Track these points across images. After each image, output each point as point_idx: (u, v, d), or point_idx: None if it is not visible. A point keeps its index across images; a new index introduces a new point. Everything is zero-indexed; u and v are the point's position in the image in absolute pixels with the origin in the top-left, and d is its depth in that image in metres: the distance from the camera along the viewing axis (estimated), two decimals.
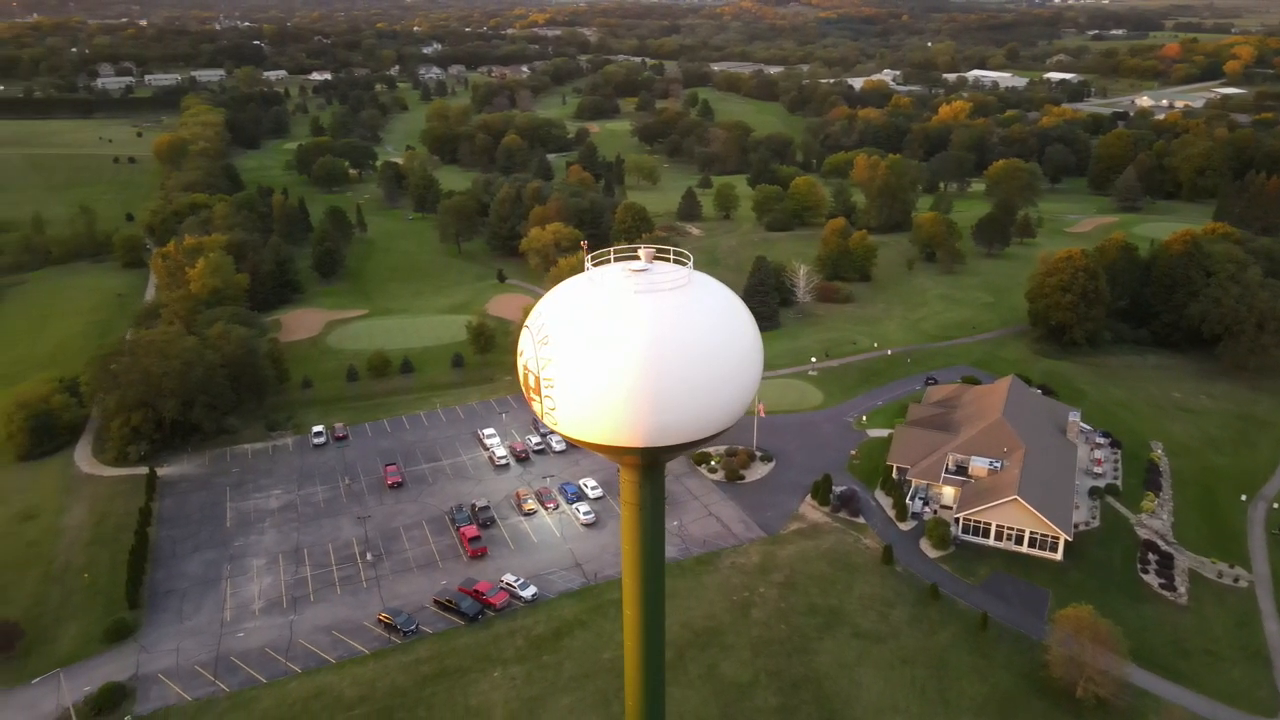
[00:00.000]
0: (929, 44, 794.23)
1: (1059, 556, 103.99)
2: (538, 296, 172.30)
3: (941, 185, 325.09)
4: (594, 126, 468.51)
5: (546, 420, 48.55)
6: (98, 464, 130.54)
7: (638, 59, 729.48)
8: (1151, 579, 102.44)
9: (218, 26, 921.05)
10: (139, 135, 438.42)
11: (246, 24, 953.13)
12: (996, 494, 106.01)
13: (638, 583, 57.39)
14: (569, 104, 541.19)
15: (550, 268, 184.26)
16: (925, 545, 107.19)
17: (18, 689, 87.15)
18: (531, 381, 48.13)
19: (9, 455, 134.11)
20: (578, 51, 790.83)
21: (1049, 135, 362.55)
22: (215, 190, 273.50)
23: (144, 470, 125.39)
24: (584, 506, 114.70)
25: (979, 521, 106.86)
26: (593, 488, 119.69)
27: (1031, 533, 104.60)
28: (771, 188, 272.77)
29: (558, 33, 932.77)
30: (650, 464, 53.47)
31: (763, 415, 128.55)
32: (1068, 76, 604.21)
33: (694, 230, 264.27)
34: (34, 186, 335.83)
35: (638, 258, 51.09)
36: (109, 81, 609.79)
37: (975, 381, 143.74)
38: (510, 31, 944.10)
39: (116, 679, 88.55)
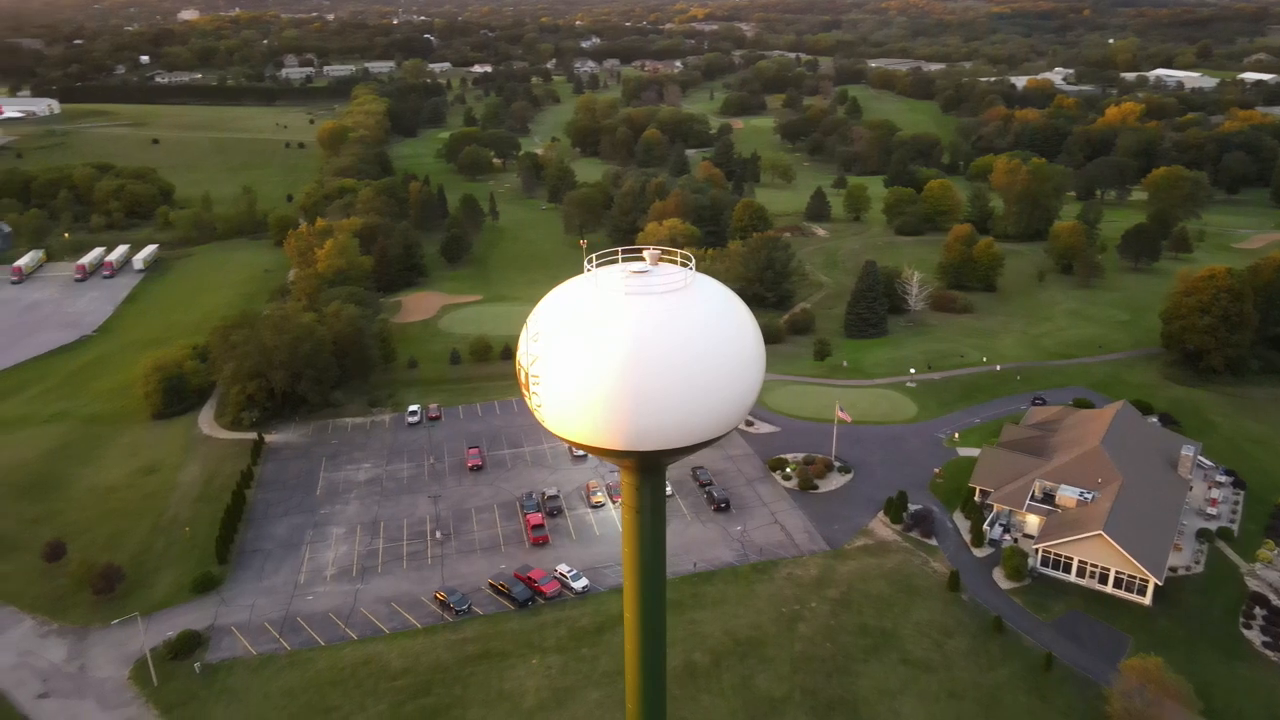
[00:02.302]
0: (1110, 40, 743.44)
1: (1147, 600, 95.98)
2: None
3: (1098, 192, 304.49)
4: (738, 122, 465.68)
5: (537, 416, 49.01)
6: (216, 427, 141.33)
7: (792, 55, 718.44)
8: (1254, 636, 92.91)
9: (394, 21, 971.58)
10: (310, 122, 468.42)
11: (421, 18, 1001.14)
12: (1082, 527, 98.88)
13: (636, 586, 57.08)
14: (716, 99, 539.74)
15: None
16: (998, 575, 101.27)
17: (101, 629, 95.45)
18: (523, 377, 48.75)
19: (145, 413, 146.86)
20: (733, 47, 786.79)
21: (1230, 141, 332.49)
22: (365, 175, 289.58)
23: (253, 436, 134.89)
24: None
25: (1060, 555, 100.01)
26: None
27: (1118, 572, 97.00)
28: (905, 190, 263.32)
29: (714, 28, 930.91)
30: (647, 468, 52.89)
31: (847, 421, 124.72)
32: (1266, 78, 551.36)
33: (819, 231, 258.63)
34: (214, 167, 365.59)
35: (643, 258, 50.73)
36: (292, 72, 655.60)
37: (1088, 405, 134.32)
38: (668, 26, 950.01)
39: (195, 627, 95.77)
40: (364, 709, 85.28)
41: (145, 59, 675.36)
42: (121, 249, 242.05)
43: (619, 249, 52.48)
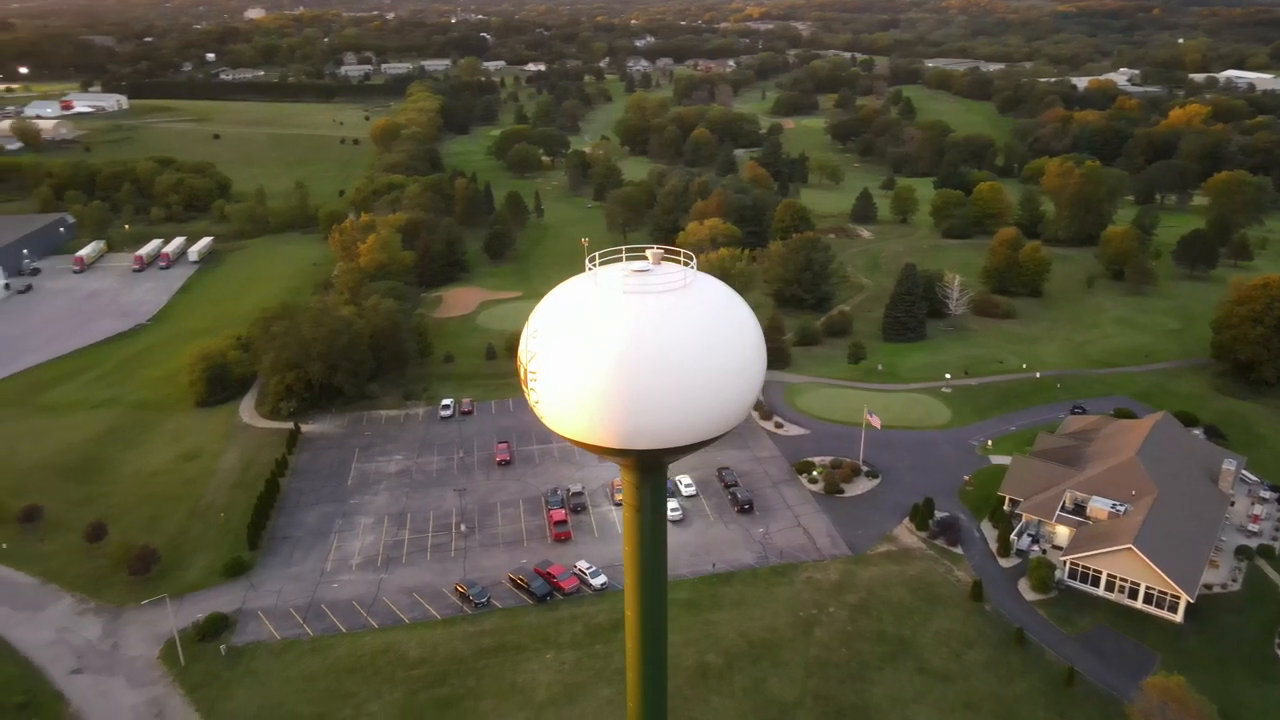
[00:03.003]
0: (1180, 40, 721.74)
1: (1178, 618, 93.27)
2: None
3: (1158, 197, 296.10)
4: (789, 122, 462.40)
5: (536, 412, 49.37)
6: (256, 416, 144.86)
7: (847, 54, 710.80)
8: None
9: (452, 20, 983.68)
10: (366, 119, 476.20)
11: (478, 17, 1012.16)
12: (1111, 540, 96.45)
13: (636, 584, 57.32)
14: (768, 99, 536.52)
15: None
16: (1024, 586, 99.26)
17: (134, 609, 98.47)
18: (523, 373, 49.20)
19: (189, 401, 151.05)
20: (788, 46, 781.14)
21: None
22: (414, 172, 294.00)
23: (290, 425, 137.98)
24: (673, 503, 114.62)
25: (1089, 568, 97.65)
26: (686, 485, 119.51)
27: (1148, 587, 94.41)
28: (954, 192, 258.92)
29: (770, 27, 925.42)
30: (646, 466, 53.00)
31: (877, 427, 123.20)
32: None
33: (864, 233, 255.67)
34: (271, 162, 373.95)
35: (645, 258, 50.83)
36: (351, 69, 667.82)
37: (1129, 415, 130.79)
38: (723, 25, 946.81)
39: (223, 610, 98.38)
40: (380, 696, 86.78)
41: (211, 56, 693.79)
42: (178, 241, 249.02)
43: (623, 248, 52.56)
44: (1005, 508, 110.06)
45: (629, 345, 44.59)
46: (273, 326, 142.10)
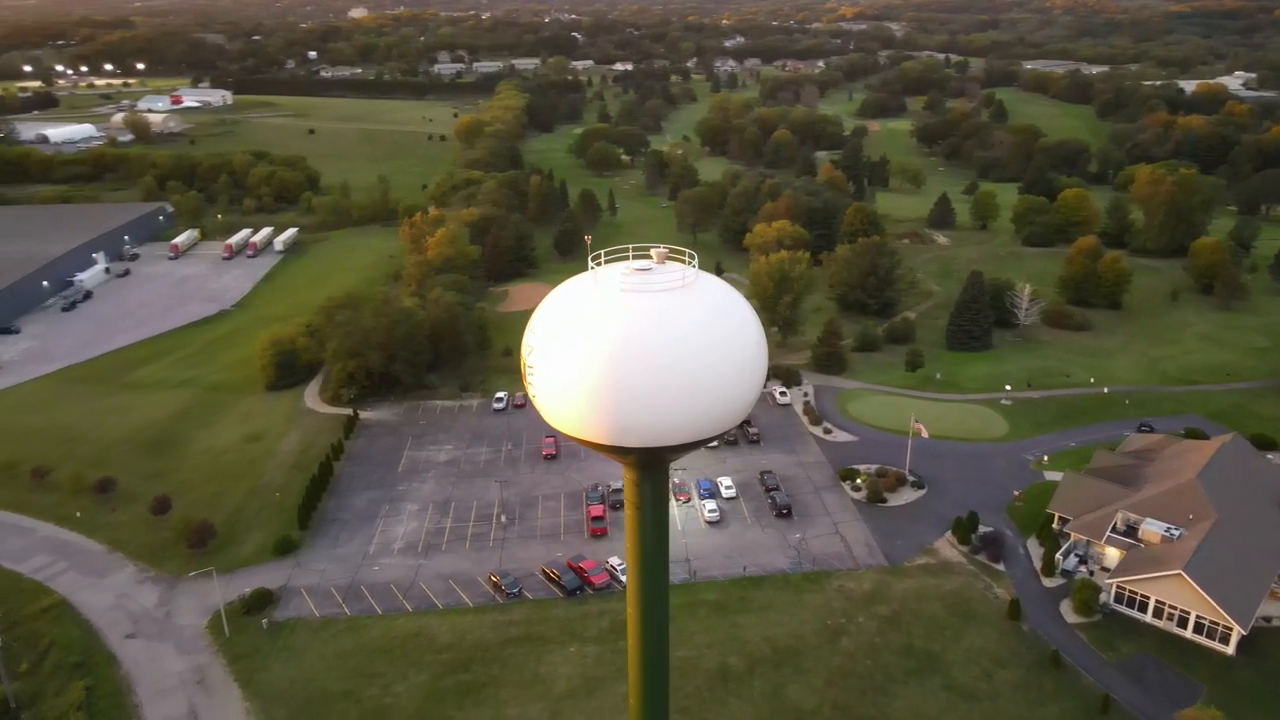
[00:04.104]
0: None
1: (1230, 650, 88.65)
2: (745, 290, 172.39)
3: (1262, 208, 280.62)
4: (874, 125, 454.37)
5: (535, 404, 50.29)
6: (319, 401, 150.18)
7: (941, 55, 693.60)
8: None
9: (546, 19, 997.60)
10: (455, 116, 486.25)
11: (571, 16, 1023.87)
12: (1162, 564, 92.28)
13: (637, 582, 57.73)
14: (855, 100, 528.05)
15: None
16: (1066, 608, 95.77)
17: (189, 580, 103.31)
18: (524, 367, 50.19)
19: (260, 384, 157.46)
20: (880, 47, 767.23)
21: None
22: (494, 168, 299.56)
23: (349, 411, 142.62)
24: (711, 504, 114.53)
25: (1136, 592, 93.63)
26: (727, 487, 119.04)
27: (1198, 616, 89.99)
28: (1037, 199, 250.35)
29: (863, 27, 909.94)
30: (646, 464, 53.45)
31: (925, 436, 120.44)
32: None
33: (940, 239, 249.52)
34: (361, 157, 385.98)
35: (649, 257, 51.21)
36: (444, 68, 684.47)
37: (1200, 436, 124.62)
38: (815, 26, 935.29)
39: (269, 586, 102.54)
40: (406, 678, 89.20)
41: (313, 54, 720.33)
42: (265, 231, 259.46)
43: (629, 246, 52.92)
44: (1054, 526, 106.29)
45: (622, 343, 44.91)
46: (337, 315, 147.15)
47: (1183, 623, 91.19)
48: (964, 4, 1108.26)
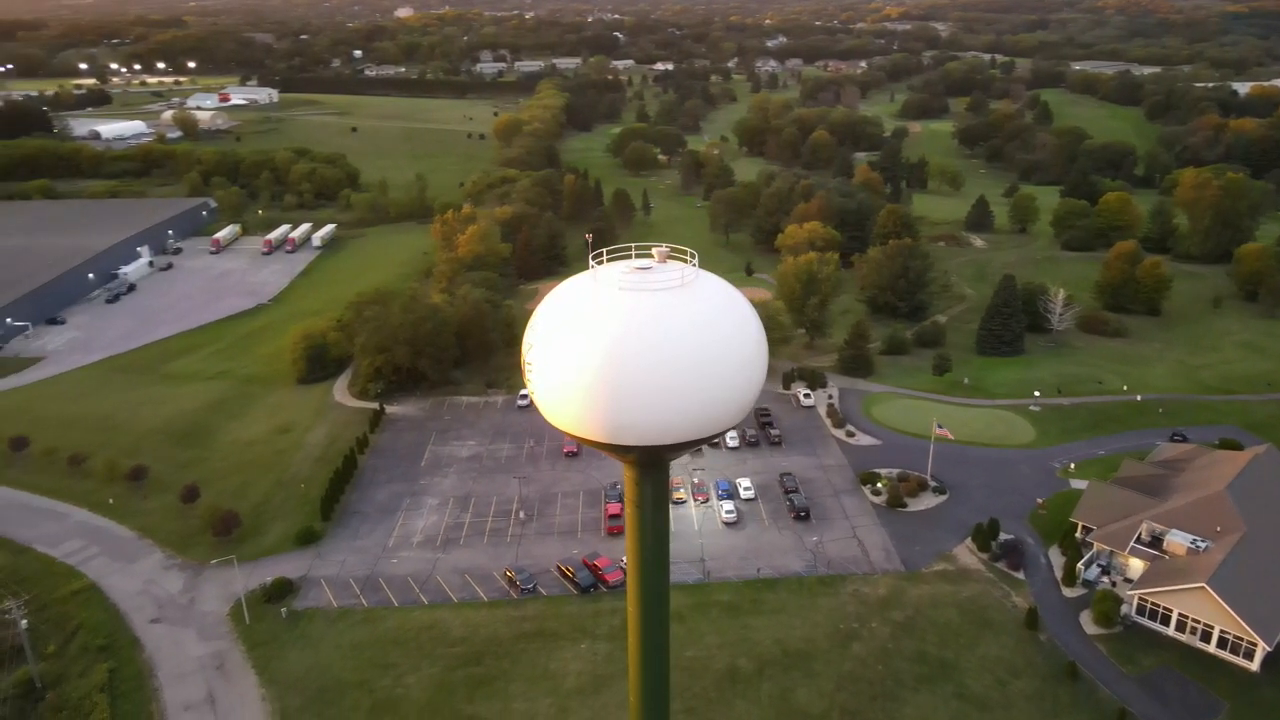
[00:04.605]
0: None
1: (1254, 666, 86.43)
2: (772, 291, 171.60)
3: None
4: (915, 126, 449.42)
5: (535, 401, 50.76)
6: (347, 395, 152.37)
7: (987, 56, 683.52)
8: None
9: (589, 19, 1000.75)
10: (495, 115, 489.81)
11: (614, 16, 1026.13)
12: (1186, 577, 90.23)
13: (637, 581, 57.80)
14: (896, 101, 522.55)
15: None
16: (1086, 618, 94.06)
17: (214, 567, 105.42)
18: (524, 364, 50.67)
19: (291, 378, 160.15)
20: (924, 47, 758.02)
21: None
22: (530, 167, 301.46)
23: (376, 406, 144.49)
24: (729, 505, 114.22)
25: (1159, 605, 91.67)
26: (745, 488, 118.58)
27: (1222, 631, 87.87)
28: (1078, 202, 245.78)
29: (907, 27, 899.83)
30: (645, 463, 53.43)
31: (948, 438, 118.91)
32: None
33: (977, 242, 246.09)
34: (401, 154, 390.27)
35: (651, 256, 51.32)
36: (486, 67, 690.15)
37: (1235, 447, 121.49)
38: (859, 26, 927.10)
39: (289, 576, 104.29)
40: (418, 670, 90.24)
41: (358, 53, 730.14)
42: (304, 227, 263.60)
43: (633, 245, 53.04)
44: (1077, 535, 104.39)
45: (618, 340, 45.02)
46: (365, 311, 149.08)
47: (1206, 637, 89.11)
48: (1012, 4, 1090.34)
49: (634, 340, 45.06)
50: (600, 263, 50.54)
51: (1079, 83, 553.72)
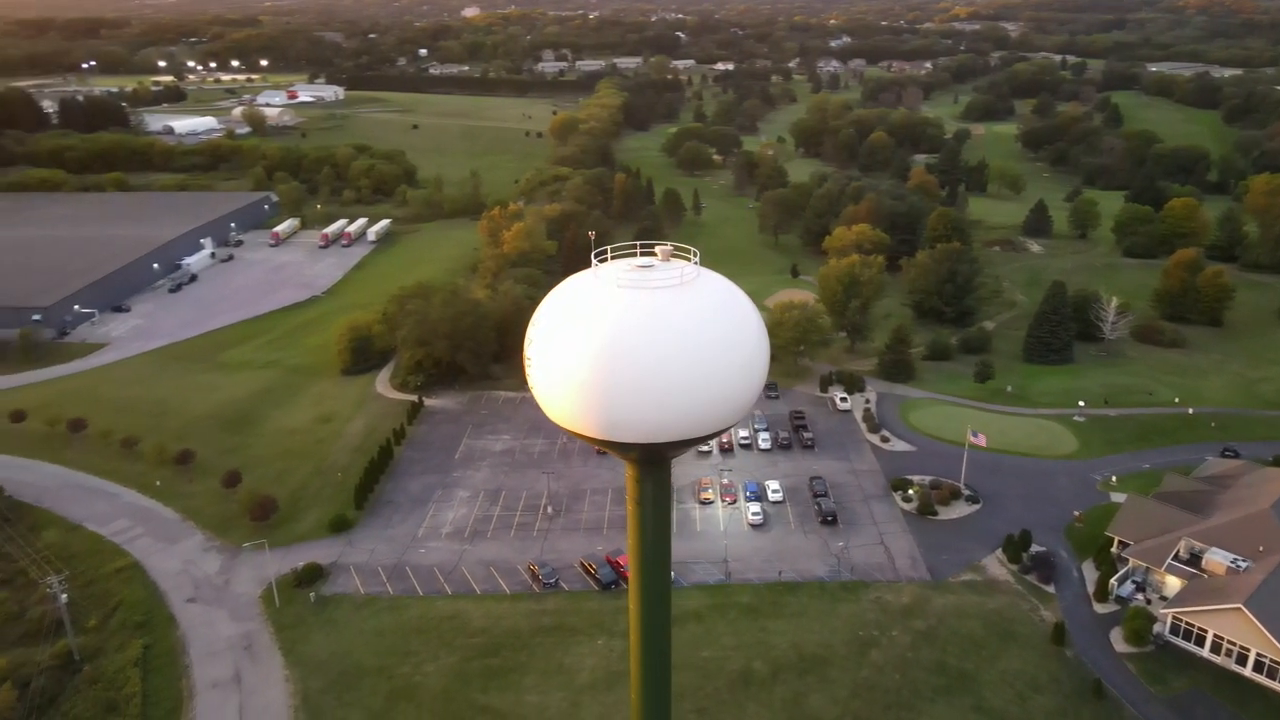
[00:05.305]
0: None
1: None
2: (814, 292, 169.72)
3: None
4: (978, 128, 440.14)
5: (535, 397, 51.23)
6: (389, 387, 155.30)
7: (1058, 57, 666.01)
8: None
9: (652, 18, 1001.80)
10: (554, 113, 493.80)
11: (677, 15, 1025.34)
12: (1223, 597, 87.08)
13: (638, 578, 58.12)
14: (960, 103, 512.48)
15: None
16: (1116, 636, 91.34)
17: (250, 551, 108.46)
18: (525, 360, 51.27)
19: (336, 369, 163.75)
20: (993, 48, 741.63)
21: None
22: (583, 165, 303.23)
23: (415, 398, 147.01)
24: (756, 507, 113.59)
25: (1193, 625, 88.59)
26: (774, 490, 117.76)
27: (1259, 654, 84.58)
28: (1142, 208, 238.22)
29: (976, 27, 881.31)
30: (646, 460, 53.69)
31: (981, 445, 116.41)
32: None
33: (1034, 247, 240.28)
34: (459, 152, 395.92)
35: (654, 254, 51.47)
36: (547, 66, 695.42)
37: None
38: (926, 26, 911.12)
39: (320, 562, 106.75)
40: (436, 659, 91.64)
41: (423, 52, 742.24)
42: (360, 221, 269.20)
43: (637, 243, 53.17)
44: (1113, 550, 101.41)
45: (613, 337, 45.18)
46: (408, 304, 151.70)
47: (1241, 660, 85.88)
48: (1088, 3, 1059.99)
49: (630, 337, 45.14)
50: (603, 260, 50.78)
51: (1154, 84, 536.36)
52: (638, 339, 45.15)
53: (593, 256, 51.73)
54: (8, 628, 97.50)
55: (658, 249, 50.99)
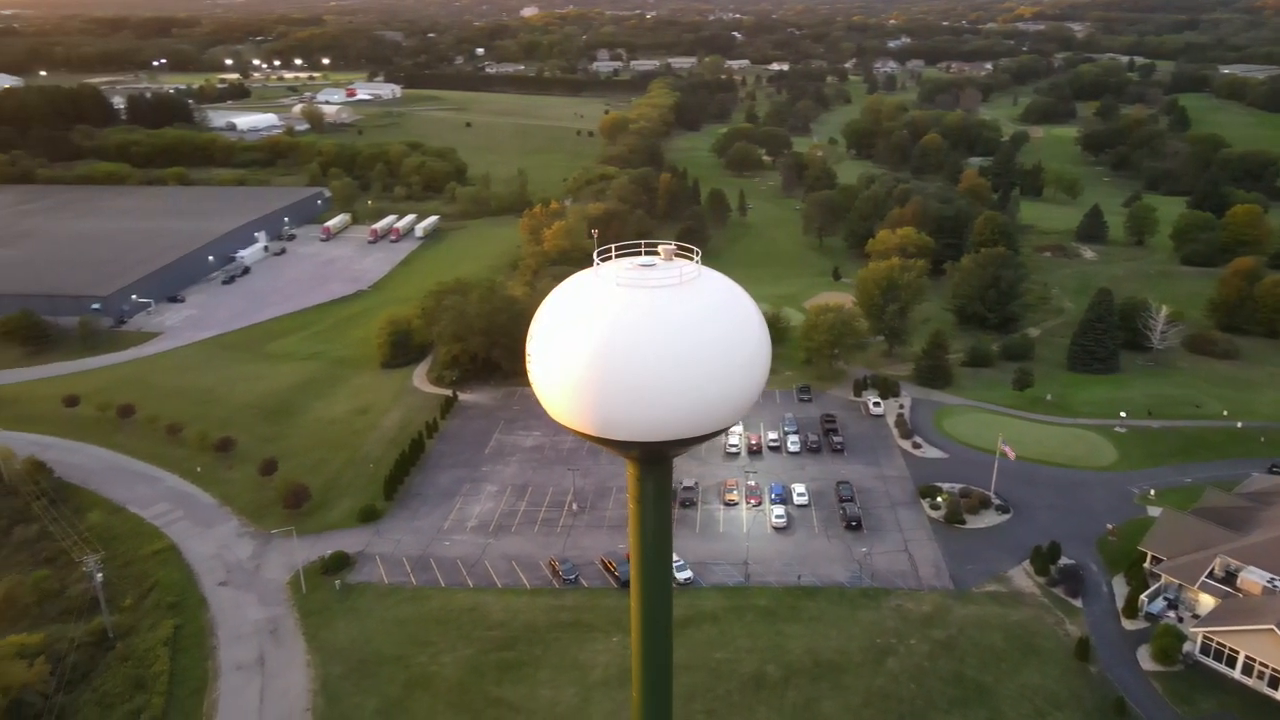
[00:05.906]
0: None
1: None
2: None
3: None
4: (1037, 130, 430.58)
5: (535, 393, 51.71)
6: (425, 381, 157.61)
7: (1125, 58, 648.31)
8: None
9: (709, 18, 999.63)
10: (606, 113, 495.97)
11: (734, 15, 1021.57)
12: (1256, 617, 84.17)
13: (639, 577, 58.30)
14: (1019, 105, 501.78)
15: None
16: (1143, 653, 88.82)
17: (281, 538, 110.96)
18: (526, 357, 51.78)
19: (376, 362, 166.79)
20: (1057, 49, 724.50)
21: None
22: (631, 164, 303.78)
23: (449, 393, 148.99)
24: (780, 510, 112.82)
25: (1225, 645, 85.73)
26: (799, 494, 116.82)
27: None
28: (1202, 214, 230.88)
29: (1041, 28, 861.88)
30: (646, 459, 53.75)
31: (1010, 457, 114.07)
32: None
33: (1087, 253, 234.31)
34: (511, 150, 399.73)
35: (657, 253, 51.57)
36: (602, 65, 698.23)
37: None
38: (988, 26, 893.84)
39: (347, 550, 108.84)
40: (454, 650, 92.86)
41: (480, 51, 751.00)
42: (409, 218, 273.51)
43: (640, 243, 53.23)
44: (1145, 565, 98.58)
45: (611, 336, 45.35)
46: (445, 300, 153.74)
47: (1274, 683, 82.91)
48: (1160, 3, 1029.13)
49: (628, 336, 45.21)
50: (606, 259, 50.87)
51: (1225, 87, 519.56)
52: (635, 337, 45.16)
53: (595, 255, 51.87)
54: (48, 604, 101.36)
55: (660, 248, 50.91)
